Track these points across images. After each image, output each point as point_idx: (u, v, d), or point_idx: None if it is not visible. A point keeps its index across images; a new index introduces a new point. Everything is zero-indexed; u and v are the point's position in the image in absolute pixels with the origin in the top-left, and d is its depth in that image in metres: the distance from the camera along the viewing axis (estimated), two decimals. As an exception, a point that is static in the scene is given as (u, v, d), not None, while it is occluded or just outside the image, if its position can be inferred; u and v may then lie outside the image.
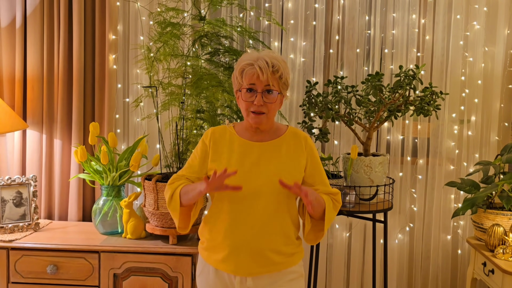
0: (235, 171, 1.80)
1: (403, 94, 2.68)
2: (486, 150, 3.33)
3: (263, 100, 1.89)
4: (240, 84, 1.94)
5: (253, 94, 1.90)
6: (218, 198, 1.97)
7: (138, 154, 2.71)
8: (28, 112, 3.08)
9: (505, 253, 2.54)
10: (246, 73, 1.90)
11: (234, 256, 1.92)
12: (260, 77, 1.87)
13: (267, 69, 1.87)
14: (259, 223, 1.91)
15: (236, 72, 1.95)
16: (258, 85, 1.89)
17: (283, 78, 1.92)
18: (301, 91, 3.28)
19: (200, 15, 2.74)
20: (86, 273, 2.59)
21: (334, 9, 3.29)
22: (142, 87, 2.99)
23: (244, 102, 1.93)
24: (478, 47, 3.26)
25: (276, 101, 1.94)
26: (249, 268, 1.93)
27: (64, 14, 3.03)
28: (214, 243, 1.98)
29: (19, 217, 2.82)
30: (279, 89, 1.93)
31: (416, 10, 3.27)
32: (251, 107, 1.91)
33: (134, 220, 2.69)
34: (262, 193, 1.91)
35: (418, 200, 3.37)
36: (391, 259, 3.35)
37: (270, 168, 1.94)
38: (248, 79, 1.89)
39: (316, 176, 2.03)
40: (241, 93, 1.93)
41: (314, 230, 2.02)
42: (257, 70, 1.87)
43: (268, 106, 1.92)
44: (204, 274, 2.04)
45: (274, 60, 1.90)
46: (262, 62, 1.87)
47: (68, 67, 3.07)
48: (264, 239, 1.92)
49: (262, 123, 1.95)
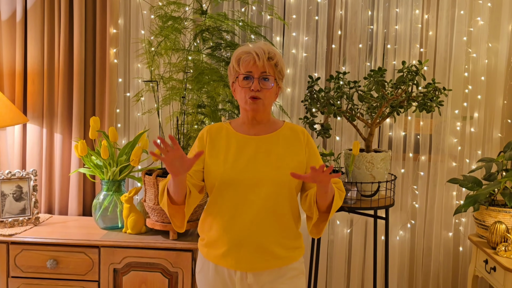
0: (201, 151, 1.73)
1: (406, 90, 2.66)
2: (488, 147, 3.31)
3: (260, 86, 1.92)
4: (237, 72, 1.96)
5: (249, 81, 1.94)
6: (216, 192, 1.95)
7: (139, 148, 2.70)
8: (29, 106, 3.07)
9: (507, 251, 2.52)
10: (242, 60, 1.94)
11: (234, 251, 1.91)
12: (256, 62, 1.91)
13: (263, 55, 1.92)
14: (259, 216, 1.90)
15: (232, 61, 1.99)
16: (255, 72, 1.93)
17: (279, 66, 1.97)
18: (303, 86, 3.26)
19: (201, 9, 2.72)
20: (86, 268, 2.59)
21: (336, 4, 3.27)
22: (143, 82, 2.98)
23: (242, 89, 1.95)
24: (481, 43, 3.24)
25: (272, 89, 1.96)
26: (250, 263, 1.92)
27: (65, 7, 3.01)
28: (214, 238, 1.96)
29: (19, 211, 2.81)
30: (275, 77, 1.96)
31: (419, 5, 3.24)
32: (248, 93, 1.93)
33: (134, 215, 2.68)
34: (261, 186, 1.90)
35: (419, 196, 3.35)
36: (392, 256, 3.34)
37: (268, 161, 1.94)
38: (245, 66, 1.93)
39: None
40: (238, 80, 1.96)
41: (317, 222, 2.01)
42: (253, 56, 1.92)
43: (264, 93, 1.94)
44: (204, 271, 2.02)
45: (270, 48, 1.96)
46: (259, 49, 1.93)
47: (68, 61, 3.06)
48: (264, 233, 1.91)
49: (259, 110, 1.97)
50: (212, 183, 1.97)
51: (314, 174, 1.74)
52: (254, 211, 1.90)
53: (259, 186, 1.90)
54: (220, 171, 1.93)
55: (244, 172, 1.92)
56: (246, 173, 1.91)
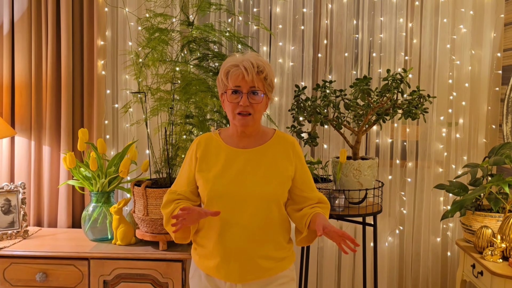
0: (217, 212, 1.84)
1: (391, 98, 2.69)
2: (474, 153, 3.36)
3: (248, 101, 1.90)
4: (225, 86, 1.94)
5: (238, 96, 1.91)
6: (207, 206, 1.96)
7: (128, 160, 2.70)
8: (16, 119, 3.06)
9: (493, 255, 2.55)
10: (231, 74, 1.90)
11: (225, 264, 1.92)
12: (245, 77, 1.87)
13: (252, 69, 1.88)
14: (248, 230, 1.91)
15: (221, 74, 1.95)
16: (244, 86, 1.89)
17: (268, 79, 1.93)
18: (290, 95, 3.29)
19: (188, 21, 2.75)
20: (76, 280, 2.58)
21: (322, 13, 3.31)
22: (131, 93, 2.99)
23: (230, 104, 1.92)
24: (465, 50, 3.29)
25: (261, 102, 1.94)
26: (240, 276, 1.93)
27: (52, 20, 3.02)
28: (206, 251, 1.97)
29: (7, 224, 2.80)
30: (264, 91, 1.93)
31: (403, 14, 3.29)
32: (237, 108, 1.91)
33: (124, 226, 2.68)
34: (249, 200, 1.91)
35: (407, 203, 3.39)
36: (381, 262, 3.37)
37: (257, 175, 1.94)
38: (234, 81, 1.90)
39: (305, 182, 2.03)
40: (227, 95, 1.93)
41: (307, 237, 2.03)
42: (242, 70, 1.88)
43: (254, 107, 1.92)
44: (196, 278, 2.04)
45: (259, 61, 1.91)
46: (247, 63, 1.88)
47: (56, 73, 3.06)
48: (253, 247, 1.92)
49: (249, 125, 1.95)
50: (202, 196, 1.99)
51: (330, 232, 1.81)
52: (242, 225, 1.91)
53: (247, 201, 1.91)
54: (209, 186, 1.94)
55: (232, 187, 1.92)
56: (234, 188, 1.92)
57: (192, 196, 2.02)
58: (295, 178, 2.00)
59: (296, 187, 2.01)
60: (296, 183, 2.01)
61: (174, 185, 2.07)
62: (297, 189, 2.01)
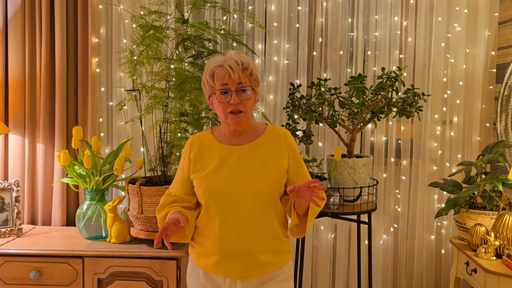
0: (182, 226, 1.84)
1: (386, 96, 2.70)
2: (468, 151, 3.37)
3: (239, 99, 1.91)
4: (212, 88, 1.94)
5: (227, 95, 1.92)
6: (205, 204, 1.97)
7: (122, 157, 2.69)
8: (10, 116, 3.05)
9: (487, 253, 2.57)
10: (217, 75, 1.91)
11: (224, 260, 1.93)
12: (231, 76, 1.89)
13: (237, 67, 1.89)
14: (246, 226, 1.92)
15: (206, 76, 1.95)
16: (231, 85, 1.90)
17: (254, 74, 1.95)
18: (285, 93, 3.29)
19: (183, 18, 2.74)
20: (70, 279, 2.57)
21: (317, 11, 3.31)
22: (125, 91, 2.98)
23: (220, 104, 1.93)
24: (459, 48, 3.30)
25: (251, 99, 1.95)
26: (239, 272, 1.93)
27: (46, 17, 3.01)
28: (204, 249, 1.98)
29: (1, 222, 2.79)
30: (252, 86, 1.95)
31: (398, 12, 3.30)
32: (228, 108, 1.92)
33: (118, 224, 2.67)
34: (245, 196, 1.91)
35: (402, 200, 3.40)
36: (376, 259, 3.37)
37: (251, 171, 1.95)
38: (220, 80, 1.91)
39: (299, 172, 2.04)
40: (215, 96, 1.94)
41: (298, 226, 2.03)
42: (227, 69, 1.89)
43: (244, 104, 1.93)
44: (194, 276, 2.04)
45: (243, 58, 1.93)
46: (231, 62, 1.90)
47: (50, 71, 3.05)
48: (252, 242, 1.92)
49: (242, 122, 1.96)
50: (198, 195, 1.99)
51: (300, 190, 1.78)
52: (240, 222, 1.91)
53: (243, 197, 1.91)
54: (204, 184, 1.94)
55: (228, 184, 1.92)
56: (230, 185, 1.92)
57: (187, 197, 2.02)
58: (288, 168, 2.01)
59: (291, 177, 2.01)
60: (291, 173, 2.01)
61: (170, 186, 2.09)
62: (291, 180, 2.02)
